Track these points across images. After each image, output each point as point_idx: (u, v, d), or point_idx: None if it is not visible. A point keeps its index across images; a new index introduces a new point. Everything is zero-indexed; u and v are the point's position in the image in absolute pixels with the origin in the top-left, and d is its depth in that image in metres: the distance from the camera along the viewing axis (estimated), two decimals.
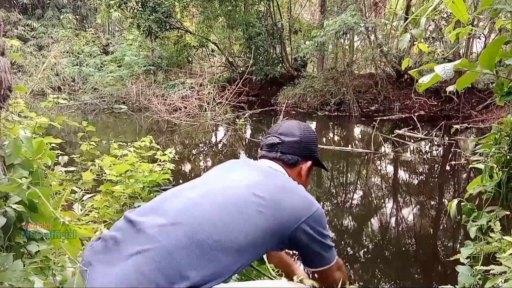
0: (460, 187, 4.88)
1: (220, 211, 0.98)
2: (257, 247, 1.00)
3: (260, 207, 1.01)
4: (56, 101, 2.42)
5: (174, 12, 12.23)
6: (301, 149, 1.29)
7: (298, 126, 1.32)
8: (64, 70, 12.74)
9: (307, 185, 1.32)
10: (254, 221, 0.99)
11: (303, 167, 1.29)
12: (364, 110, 10.06)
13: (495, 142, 1.59)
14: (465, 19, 1.39)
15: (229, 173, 1.17)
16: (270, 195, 1.05)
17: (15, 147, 1.19)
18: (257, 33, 11.48)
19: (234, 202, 1.01)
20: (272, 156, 1.26)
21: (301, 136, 1.29)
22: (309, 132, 1.33)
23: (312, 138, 1.32)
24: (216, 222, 0.95)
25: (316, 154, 1.34)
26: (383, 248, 3.28)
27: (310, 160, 1.31)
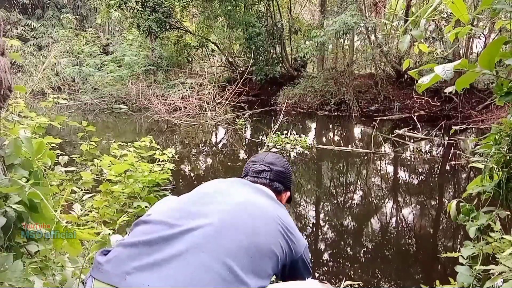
0: (460, 187, 4.89)
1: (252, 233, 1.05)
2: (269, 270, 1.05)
3: (281, 233, 1.11)
4: (56, 101, 2.42)
5: (174, 12, 12.24)
6: (285, 179, 1.39)
7: (280, 159, 1.43)
8: (64, 70, 12.75)
9: None
10: (275, 244, 1.07)
11: (284, 196, 1.38)
12: (364, 110, 10.06)
13: (495, 142, 1.59)
14: (465, 19, 1.39)
15: (248, 195, 1.20)
16: (288, 224, 1.15)
17: (15, 147, 1.19)
18: (257, 33, 11.48)
19: (264, 225, 1.09)
20: (261, 182, 1.33)
21: (284, 167, 1.40)
22: (288, 165, 1.45)
23: (291, 171, 1.45)
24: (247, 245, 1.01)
25: (291, 187, 1.44)
26: (383, 248, 3.28)
27: (288, 191, 1.41)
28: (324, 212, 4.08)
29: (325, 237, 3.52)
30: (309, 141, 6.95)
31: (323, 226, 3.78)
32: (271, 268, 1.04)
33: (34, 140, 1.47)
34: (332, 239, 3.45)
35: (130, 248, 0.93)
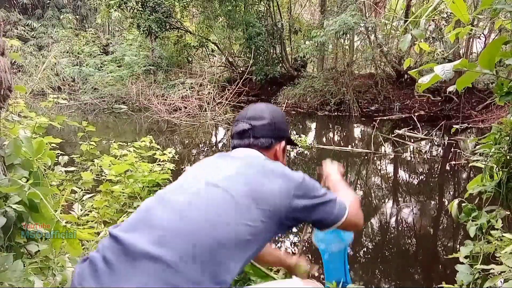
0: (460, 187, 4.88)
1: (212, 212, 0.96)
2: (258, 237, 0.99)
3: (246, 199, 1.00)
4: (56, 101, 2.42)
5: (174, 12, 12.24)
6: (272, 130, 1.27)
7: (265, 108, 1.31)
8: (64, 70, 12.74)
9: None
10: (245, 214, 0.98)
11: (278, 148, 1.28)
12: (364, 110, 10.06)
13: (495, 142, 1.59)
14: (466, 19, 1.39)
15: (210, 171, 1.12)
16: (252, 185, 1.03)
17: (15, 147, 1.19)
18: (257, 33, 11.48)
19: (223, 200, 0.99)
20: (245, 143, 1.25)
21: (270, 118, 1.28)
22: (277, 112, 1.33)
23: (281, 118, 1.33)
24: (210, 224, 0.93)
25: (287, 134, 1.34)
26: (383, 248, 3.28)
27: (283, 140, 1.30)
28: None
29: None
30: (309, 141, 6.95)
31: None
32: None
33: (34, 140, 1.47)
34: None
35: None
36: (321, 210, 1.10)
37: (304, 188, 1.08)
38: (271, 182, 1.05)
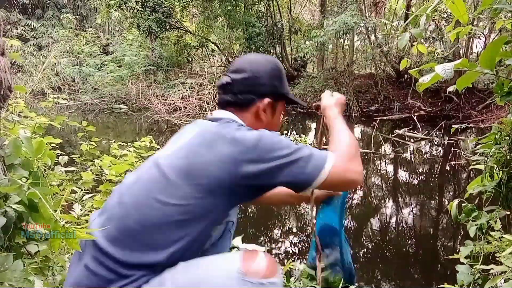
0: (460, 187, 4.88)
1: (143, 195, 0.95)
2: (196, 215, 0.93)
3: (178, 176, 0.94)
4: (56, 101, 2.42)
5: (174, 12, 12.23)
6: (254, 85, 1.11)
7: (252, 59, 1.16)
8: (64, 70, 12.74)
9: (274, 127, 1.17)
10: (174, 193, 0.93)
11: (260, 106, 1.11)
12: (364, 110, 10.06)
13: (495, 142, 1.59)
14: (465, 19, 1.39)
15: (166, 146, 1.10)
16: (190, 158, 0.95)
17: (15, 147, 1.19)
18: (257, 33, 11.48)
19: (155, 180, 0.96)
20: (225, 100, 1.12)
21: (252, 70, 1.11)
22: (265, 63, 1.14)
23: (269, 70, 1.13)
24: (137, 209, 0.94)
25: (278, 89, 1.14)
26: (383, 248, 3.28)
27: (267, 97, 1.11)
28: None
29: None
30: (309, 141, 6.95)
31: None
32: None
33: (34, 140, 1.47)
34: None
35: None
36: (287, 172, 0.94)
37: (259, 151, 0.94)
38: (213, 151, 0.95)
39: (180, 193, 0.92)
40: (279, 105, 1.17)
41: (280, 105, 1.17)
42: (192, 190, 0.92)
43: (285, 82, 1.18)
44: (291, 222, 3.76)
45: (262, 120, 1.12)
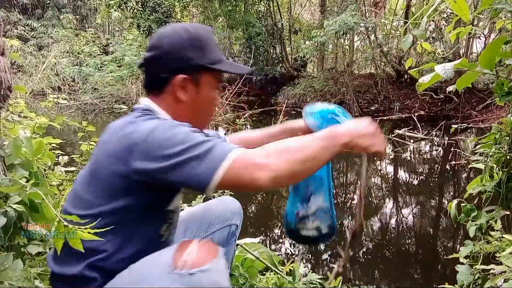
0: (460, 187, 4.88)
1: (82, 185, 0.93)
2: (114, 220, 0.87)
3: (82, 186, 0.92)
4: (56, 101, 2.42)
5: (174, 12, 12.23)
6: (166, 63, 0.95)
7: (163, 33, 0.98)
8: (64, 70, 12.74)
9: (206, 109, 1.01)
10: (81, 206, 0.90)
11: (175, 84, 0.94)
12: (364, 110, 10.05)
13: (495, 142, 1.59)
14: (467, 18, 1.39)
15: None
16: (93, 164, 0.91)
17: (15, 147, 1.19)
18: (257, 33, 11.48)
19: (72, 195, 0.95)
20: (144, 84, 1.01)
21: (163, 44, 0.95)
22: (177, 35, 0.96)
23: (183, 42, 0.94)
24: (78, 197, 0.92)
25: (195, 61, 0.95)
26: (383, 248, 3.28)
27: (183, 71, 0.94)
28: None
29: None
30: None
31: None
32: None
33: (34, 141, 1.47)
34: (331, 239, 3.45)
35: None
36: (179, 172, 0.79)
37: (147, 146, 0.81)
38: (108, 150, 0.87)
39: (85, 206, 0.87)
40: (204, 79, 0.97)
41: (205, 80, 0.97)
42: (94, 198, 0.87)
43: (209, 51, 0.97)
44: None
45: (183, 101, 0.95)
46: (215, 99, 1.02)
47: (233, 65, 1.05)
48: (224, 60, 1.01)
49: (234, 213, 1.31)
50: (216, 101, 1.03)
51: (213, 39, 1.01)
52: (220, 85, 1.04)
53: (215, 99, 1.02)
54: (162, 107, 0.96)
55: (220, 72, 1.00)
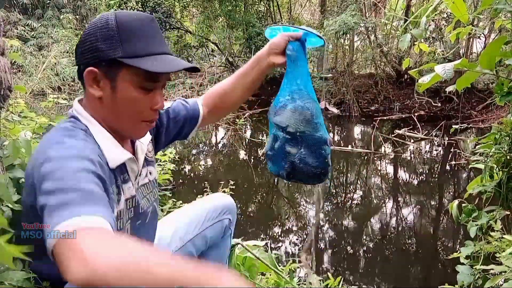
0: (460, 187, 4.88)
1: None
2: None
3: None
4: (56, 101, 2.42)
5: (174, 12, 12.23)
6: (79, 54, 0.87)
7: (91, 21, 0.88)
8: (64, 70, 12.73)
9: (128, 112, 0.87)
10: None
11: (85, 77, 0.84)
12: (364, 110, 10.06)
13: (495, 142, 1.58)
14: (465, 19, 1.39)
15: None
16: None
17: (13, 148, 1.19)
18: (257, 33, 11.48)
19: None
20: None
21: (83, 33, 0.86)
22: (95, 22, 0.86)
23: (97, 30, 0.83)
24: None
25: (104, 52, 0.82)
26: (383, 248, 3.28)
27: (93, 65, 0.83)
28: (324, 212, 4.08)
29: (325, 237, 3.52)
30: None
31: (322, 226, 3.77)
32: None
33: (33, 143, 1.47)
34: (332, 239, 3.45)
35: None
36: (40, 200, 0.69)
37: (37, 175, 0.72)
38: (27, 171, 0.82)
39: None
40: (120, 75, 0.84)
41: (122, 76, 0.84)
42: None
43: (130, 43, 0.83)
44: (291, 221, 3.76)
45: (97, 98, 0.85)
46: (136, 100, 0.86)
47: (162, 61, 0.85)
48: (155, 54, 0.86)
49: (226, 207, 1.30)
50: (139, 103, 0.86)
51: (146, 29, 0.86)
52: (148, 83, 0.86)
53: (136, 100, 0.86)
54: (88, 108, 0.88)
55: (138, 68, 0.83)
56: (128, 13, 0.88)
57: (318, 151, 1.14)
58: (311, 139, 1.13)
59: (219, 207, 1.29)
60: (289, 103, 1.15)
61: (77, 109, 0.89)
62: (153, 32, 0.88)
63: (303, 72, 1.17)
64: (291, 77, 1.18)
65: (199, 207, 1.29)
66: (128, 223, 0.96)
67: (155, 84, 0.88)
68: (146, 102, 0.87)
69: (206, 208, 1.28)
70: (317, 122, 1.14)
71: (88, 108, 0.88)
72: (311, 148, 1.14)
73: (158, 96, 0.90)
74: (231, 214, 1.32)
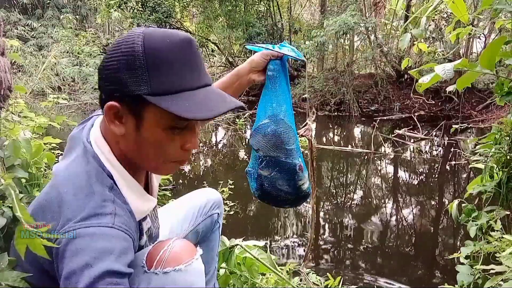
0: (460, 187, 4.88)
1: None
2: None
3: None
4: (56, 101, 2.42)
5: (174, 12, 12.23)
6: (102, 81, 0.75)
7: (121, 39, 0.73)
8: (64, 70, 12.73)
9: (154, 153, 0.77)
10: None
11: (105, 111, 0.73)
12: (364, 110, 10.06)
13: (495, 142, 1.58)
14: (465, 19, 1.39)
15: None
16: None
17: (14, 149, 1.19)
18: (257, 33, 11.48)
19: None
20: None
21: (108, 55, 0.73)
22: (123, 45, 0.71)
23: (122, 57, 0.70)
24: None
25: (129, 87, 0.70)
26: (383, 248, 3.28)
27: (116, 99, 0.71)
28: (324, 212, 4.08)
29: (325, 237, 3.52)
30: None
31: (323, 226, 3.77)
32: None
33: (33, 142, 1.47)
34: (332, 239, 3.45)
35: None
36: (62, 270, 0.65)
37: (61, 246, 0.68)
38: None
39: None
40: (147, 113, 0.72)
41: (149, 114, 0.72)
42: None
43: (159, 77, 0.70)
44: (291, 222, 3.76)
45: (118, 134, 0.75)
46: (165, 141, 0.75)
47: (197, 103, 0.71)
48: (191, 90, 0.73)
49: (215, 202, 1.34)
50: (168, 145, 0.76)
51: (182, 57, 0.72)
52: (180, 122, 0.74)
53: (165, 141, 0.75)
54: (107, 137, 0.79)
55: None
56: (160, 35, 0.72)
57: (290, 177, 1.13)
58: (282, 165, 1.12)
59: (210, 202, 1.33)
60: (263, 127, 1.15)
61: (97, 142, 0.78)
62: (191, 60, 0.74)
63: (281, 93, 1.18)
64: (268, 99, 1.19)
65: (191, 203, 1.31)
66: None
67: (189, 122, 0.76)
68: (177, 143, 0.77)
69: (197, 204, 1.31)
70: (289, 148, 1.13)
71: (108, 139, 0.79)
72: (282, 173, 1.13)
73: (192, 136, 0.78)
74: (219, 208, 1.37)
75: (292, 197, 1.16)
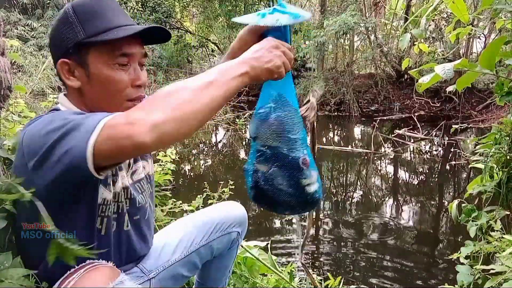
0: (460, 187, 4.88)
1: None
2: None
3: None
4: (56, 101, 2.42)
5: (174, 12, 12.24)
6: (52, 52, 0.88)
7: (55, 19, 0.87)
8: None
9: (108, 90, 0.84)
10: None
11: (59, 71, 0.85)
12: (364, 110, 10.06)
13: (495, 142, 1.59)
14: (466, 19, 1.39)
15: None
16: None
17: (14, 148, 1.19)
18: None
19: None
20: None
21: (50, 32, 0.88)
22: (58, 16, 0.86)
23: (59, 22, 0.85)
24: None
25: (70, 41, 0.82)
26: (383, 248, 3.28)
27: (63, 57, 0.84)
28: (324, 212, 4.08)
29: (325, 237, 3.52)
30: (309, 141, 6.95)
31: (323, 226, 3.78)
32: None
33: None
34: (332, 239, 3.45)
35: None
36: (54, 157, 0.68)
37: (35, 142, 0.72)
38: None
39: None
40: (90, 57, 0.83)
41: (92, 58, 0.83)
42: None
43: (90, 23, 0.82)
44: (292, 221, 3.76)
45: (77, 89, 0.86)
46: (113, 78, 0.83)
47: (124, 30, 0.83)
48: (118, 27, 0.83)
49: (236, 220, 1.25)
50: (117, 81, 0.83)
51: (104, 6, 0.85)
52: (119, 56, 0.83)
53: (113, 78, 0.83)
54: (72, 100, 0.88)
55: (105, 43, 0.81)
56: (77, 2, 0.85)
57: (292, 175, 0.91)
58: (283, 159, 0.90)
59: (229, 220, 1.23)
60: (265, 109, 0.95)
61: (62, 102, 0.89)
62: (112, 7, 0.86)
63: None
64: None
65: (208, 217, 1.23)
66: (126, 215, 0.96)
67: (129, 58, 0.85)
68: (125, 79, 0.85)
69: (215, 219, 1.22)
70: (293, 138, 0.92)
71: (73, 102, 0.88)
72: (283, 169, 0.91)
73: (137, 72, 0.87)
74: (240, 227, 1.27)
75: (294, 200, 0.92)
